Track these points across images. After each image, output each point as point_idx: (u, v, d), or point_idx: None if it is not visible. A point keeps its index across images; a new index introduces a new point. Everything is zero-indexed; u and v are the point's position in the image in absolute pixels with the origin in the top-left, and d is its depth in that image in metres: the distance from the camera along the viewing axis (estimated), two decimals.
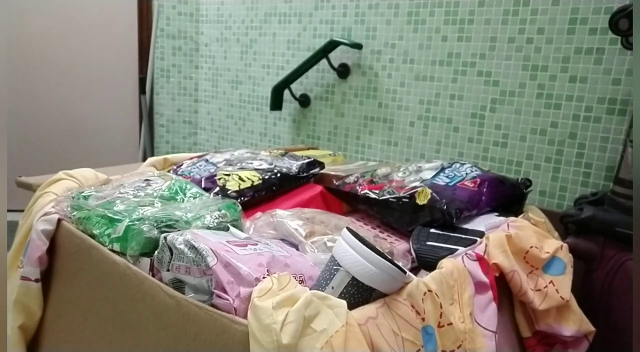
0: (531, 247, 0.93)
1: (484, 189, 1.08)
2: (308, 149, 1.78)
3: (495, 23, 1.51)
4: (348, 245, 0.68)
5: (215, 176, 1.12)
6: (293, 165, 1.22)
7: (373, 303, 0.68)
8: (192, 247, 0.70)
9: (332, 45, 1.84)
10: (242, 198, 1.05)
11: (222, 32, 2.39)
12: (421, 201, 1.02)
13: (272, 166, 1.19)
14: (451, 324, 0.75)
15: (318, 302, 0.61)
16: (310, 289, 0.64)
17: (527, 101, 1.47)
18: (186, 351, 0.67)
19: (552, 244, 0.98)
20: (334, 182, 1.19)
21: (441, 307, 0.75)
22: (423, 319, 0.71)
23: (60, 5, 2.39)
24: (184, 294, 0.69)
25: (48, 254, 0.92)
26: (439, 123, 1.67)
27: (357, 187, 1.14)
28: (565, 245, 0.99)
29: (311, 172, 1.24)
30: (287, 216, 0.93)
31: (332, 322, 0.60)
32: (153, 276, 0.75)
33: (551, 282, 0.93)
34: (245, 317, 0.61)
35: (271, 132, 2.23)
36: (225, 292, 0.64)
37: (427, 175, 1.14)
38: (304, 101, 2.04)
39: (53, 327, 0.94)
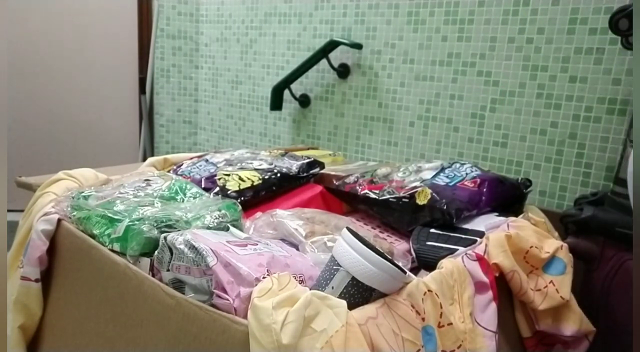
0: (531, 247, 0.93)
1: (484, 189, 1.08)
2: (308, 149, 1.78)
3: (495, 23, 1.51)
4: (348, 245, 0.68)
5: (215, 175, 1.12)
6: (293, 165, 1.22)
7: (373, 303, 0.68)
8: (192, 247, 0.70)
9: (332, 45, 1.84)
10: (242, 198, 1.05)
11: (222, 32, 2.39)
12: (421, 201, 1.02)
13: (272, 166, 1.19)
14: (451, 324, 0.75)
15: (318, 302, 0.61)
16: (310, 289, 0.64)
17: (527, 101, 1.47)
18: (186, 351, 0.67)
19: (552, 244, 0.98)
20: (334, 182, 1.19)
21: (441, 307, 0.75)
22: (423, 319, 0.71)
23: (60, 6, 2.39)
24: (184, 294, 0.69)
25: (48, 254, 0.91)
26: (439, 123, 1.67)
27: (357, 187, 1.14)
28: (565, 245, 0.99)
29: (311, 172, 1.24)
30: (287, 216, 0.93)
31: (332, 322, 0.60)
32: (153, 276, 0.75)
33: (551, 282, 0.93)
34: (245, 317, 0.61)
35: (271, 132, 2.23)
36: (225, 292, 0.64)
37: (427, 175, 1.14)
38: (304, 101, 2.04)
39: (53, 327, 0.94)
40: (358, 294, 0.67)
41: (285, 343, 0.57)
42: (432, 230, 0.99)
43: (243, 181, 1.10)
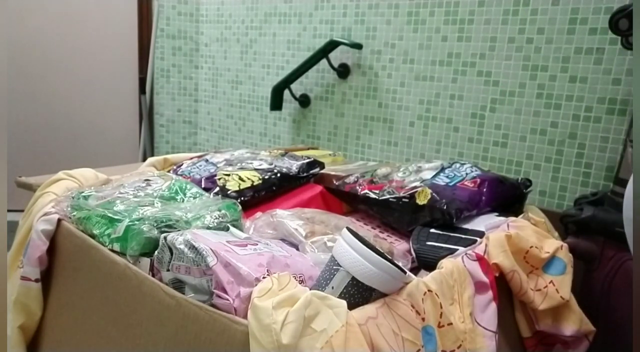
0: (531, 247, 0.93)
1: (484, 189, 1.08)
2: (308, 149, 1.78)
3: (495, 23, 1.51)
4: (348, 245, 0.68)
5: (215, 175, 1.12)
6: (293, 165, 1.22)
7: (373, 303, 0.68)
8: (192, 247, 0.70)
9: (332, 45, 1.84)
10: (242, 198, 1.05)
11: (222, 32, 2.39)
12: (421, 201, 1.02)
13: (272, 166, 1.19)
14: (451, 324, 0.75)
15: (318, 302, 0.61)
16: (310, 289, 0.64)
17: (527, 101, 1.47)
18: (186, 351, 0.67)
19: (552, 244, 0.98)
20: (334, 182, 1.19)
21: (441, 307, 0.75)
22: (423, 319, 0.71)
23: (60, 6, 2.39)
24: (184, 294, 0.69)
25: (48, 254, 0.92)
26: (439, 123, 1.67)
27: (357, 187, 1.14)
28: (565, 245, 0.99)
29: (311, 172, 1.24)
30: (287, 216, 0.93)
31: (332, 322, 0.60)
32: (153, 276, 0.75)
33: (551, 282, 0.93)
34: (245, 317, 0.61)
35: (271, 132, 2.23)
36: (225, 292, 0.64)
37: (427, 175, 1.14)
38: (304, 101, 2.04)
39: (53, 327, 0.94)
40: (358, 294, 0.67)
41: (285, 343, 0.57)
42: (432, 230, 0.99)
43: (243, 181, 1.10)
